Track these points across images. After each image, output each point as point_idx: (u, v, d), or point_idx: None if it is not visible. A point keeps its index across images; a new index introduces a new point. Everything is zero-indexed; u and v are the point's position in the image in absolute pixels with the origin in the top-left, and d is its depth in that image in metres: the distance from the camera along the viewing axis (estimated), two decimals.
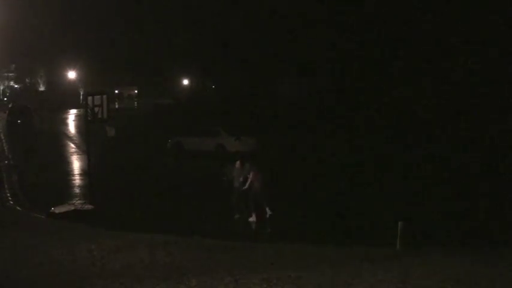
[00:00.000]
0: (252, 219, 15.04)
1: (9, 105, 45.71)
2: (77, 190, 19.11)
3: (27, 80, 77.20)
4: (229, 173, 15.91)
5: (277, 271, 8.54)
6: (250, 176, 15.21)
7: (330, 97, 39.06)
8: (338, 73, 38.98)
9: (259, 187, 15.12)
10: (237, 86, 48.37)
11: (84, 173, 21.44)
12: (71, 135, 37.79)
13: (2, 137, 34.96)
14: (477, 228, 13.73)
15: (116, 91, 73.67)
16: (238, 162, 15.72)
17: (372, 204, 16.41)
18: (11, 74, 75.77)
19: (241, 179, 15.40)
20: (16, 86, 77.61)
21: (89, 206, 15.65)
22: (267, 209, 15.17)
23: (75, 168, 24.66)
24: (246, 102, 42.77)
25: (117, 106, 59.70)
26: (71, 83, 69.75)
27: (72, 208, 15.58)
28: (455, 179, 20.14)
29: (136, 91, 79.59)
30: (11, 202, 17.43)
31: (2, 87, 73.53)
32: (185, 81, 74.25)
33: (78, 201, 16.33)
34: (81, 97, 62.45)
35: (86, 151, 18.26)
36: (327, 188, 18.75)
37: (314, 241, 12.33)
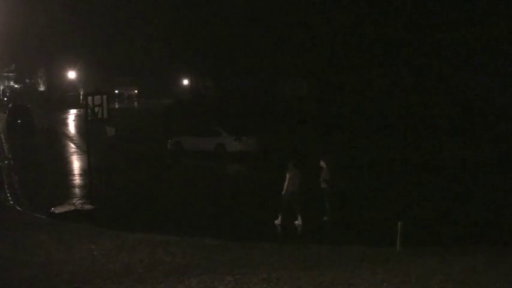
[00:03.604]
0: (298, 222, 14.25)
1: (9, 105, 45.55)
2: (77, 190, 19.09)
3: (27, 80, 77.14)
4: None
5: (277, 271, 8.54)
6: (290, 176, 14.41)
7: (330, 96, 39.04)
8: (337, 72, 38.94)
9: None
10: (237, 86, 48.34)
11: (84, 173, 21.43)
12: (71, 135, 37.76)
13: (2, 137, 34.92)
14: (477, 228, 13.73)
15: (116, 91, 73.68)
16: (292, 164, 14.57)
17: (372, 204, 16.40)
18: (11, 74, 75.64)
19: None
20: (16, 86, 77.52)
21: (89, 206, 15.62)
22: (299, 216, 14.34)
23: (75, 168, 24.64)
24: (246, 102, 42.74)
25: (117, 106, 59.72)
26: (71, 83, 69.68)
27: (72, 208, 15.56)
28: (455, 179, 20.15)
29: (136, 91, 79.65)
30: (11, 202, 17.40)
31: (2, 87, 73.42)
32: (185, 81, 74.18)
33: (78, 201, 16.29)
34: (81, 97, 62.36)
35: (86, 151, 18.24)
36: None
37: (314, 241, 12.33)
